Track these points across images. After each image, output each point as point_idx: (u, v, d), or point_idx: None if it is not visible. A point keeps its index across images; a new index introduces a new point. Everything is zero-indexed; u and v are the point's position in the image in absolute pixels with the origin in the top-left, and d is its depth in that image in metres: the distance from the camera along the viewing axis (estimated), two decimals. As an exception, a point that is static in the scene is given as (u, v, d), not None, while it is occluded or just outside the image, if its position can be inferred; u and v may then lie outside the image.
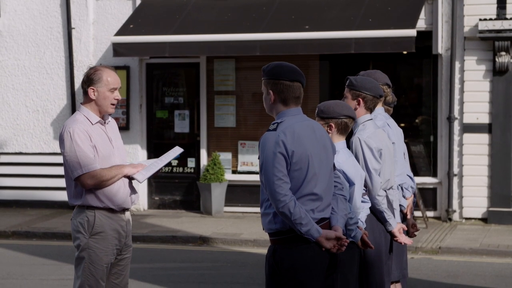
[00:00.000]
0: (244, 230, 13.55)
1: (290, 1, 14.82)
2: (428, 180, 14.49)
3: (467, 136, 14.17)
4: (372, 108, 6.29)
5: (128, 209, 6.03)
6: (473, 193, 14.17)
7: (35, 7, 15.98)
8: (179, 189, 15.65)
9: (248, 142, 15.37)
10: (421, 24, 14.25)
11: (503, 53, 13.71)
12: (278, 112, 5.15)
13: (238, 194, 15.22)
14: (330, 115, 5.74)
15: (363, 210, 5.90)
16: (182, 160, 15.46)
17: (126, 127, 15.50)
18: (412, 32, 13.46)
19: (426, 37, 14.27)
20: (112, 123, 6.08)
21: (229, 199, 15.18)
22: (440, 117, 14.41)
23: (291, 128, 5.04)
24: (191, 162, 15.55)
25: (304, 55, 14.49)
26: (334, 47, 13.93)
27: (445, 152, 14.34)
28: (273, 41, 14.08)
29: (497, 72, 13.90)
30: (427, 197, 14.46)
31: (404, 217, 6.74)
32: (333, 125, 5.74)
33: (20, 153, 16.15)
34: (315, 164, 5.07)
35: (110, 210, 5.89)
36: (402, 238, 6.34)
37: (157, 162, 6.06)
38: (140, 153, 15.59)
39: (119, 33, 14.86)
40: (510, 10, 13.86)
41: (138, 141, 15.64)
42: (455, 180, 14.27)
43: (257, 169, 14.66)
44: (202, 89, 15.52)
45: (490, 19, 13.63)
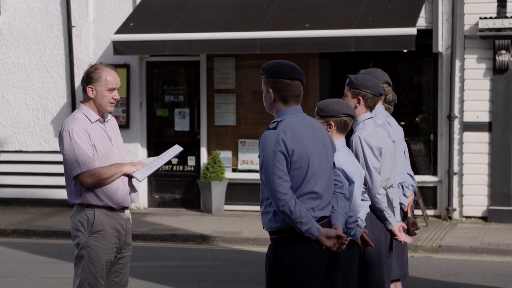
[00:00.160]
0: (244, 228, 13.55)
1: (290, -1, 14.83)
2: (428, 179, 14.49)
3: (467, 135, 14.17)
4: (372, 106, 6.28)
5: (127, 208, 6.03)
6: (473, 192, 14.17)
7: (35, 5, 15.98)
8: (179, 188, 15.65)
9: (248, 140, 15.36)
10: (422, 22, 14.24)
11: (503, 51, 13.70)
12: (278, 110, 5.14)
13: (238, 192, 15.22)
14: (330, 114, 5.74)
15: (363, 208, 5.90)
16: (182, 159, 15.46)
17: (126, 125, 15.50)
18: (412, 31, 13.45)
19: (426, 36, 14.26)
20: (112, 121, 6.08)
21: (229, 197, 15.18)
22: (440, 115, 14.41)
23: (291, 127, 5.04)
24: (191, 161, 15.55)
25: (304, 54, 14.49)
26: (334, 46, 13.93)
27: (445, 151, 14.33)
28: (273, 39, 14.07)
29: (497, 71, 13.89)
30: (427, 195, 14.46)
31: (404, 215, 6.74)
32: (332, 124, 5.74)
33: (20, 151, 16.15)
34: (315, 163, 5.07)
35: (110, 208, 5.89)
36: (402, 237, 6.33)
37: (156, 161, 6.06)
38: (140, 152, 15.58)
39: (119, 31, 14.86)
40: (510, 8, 13.85)
41: (138, 140, 15.64)
42: (455, 179, 14.27)
43: (257, 167, 14.66)
44: (202, 87, 15.51)
45: (491, 18, 13.63)
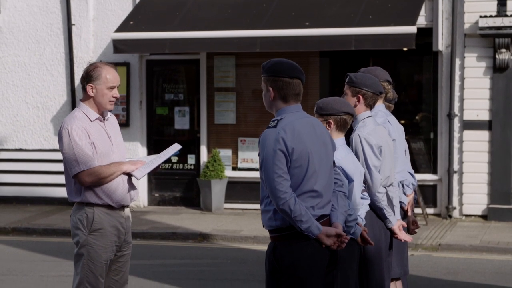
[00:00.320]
0: (244, 227, 13.55)
1: (290, -3, 14.82)
2: (428, 177, 14.49)
3: (467, 133, 14.17)
4: (372, 105, 6.28)
5: (127, 206, 6.03)
6: (473, 190, 14.17)
7: (35, 3, 15.97)
8: (179, 186, 15.65)
9: (248, 138, 15.36)
10: (422, 21, 14.24)
11: (503, 50, 13.70)
12: (278, 109, 5.14)
13: (238, 190, 15.22)
14: (329, 112, 5.73)
15: (363, 206, 5.89)
16: (182, 157, 15.46)
17: (126, 124, 15.49)
18: (412, 29, 13.45)
19: (426, 34, 14.25)
20: (112, 120, 6.07)
21: (229, 195, 15.18)
22: (440, 114, 14.41)
23: (291, 125, 5.03)
24: (191, 159, 15.55)
25: (304, 52, 14.48)
26: (334, 44, 13.92)
27: (445, 149, 14.33)
28: (273, 37, 14.06)
29: (497, 69, 13.89)
30: (427, 194, 14.46)
31: (404, 214, 6.73)
32: (332, 122, 5.74)
33: (20, 150, 16.15)
34: (315, 161, 5.07)
35: (109, 207, 5.89)
36: (402, 235, 6.33)
37: (156, 159, 6.06)
38: (140, 150, 15.58)
39: (119, 29, 14.86)
40: (510, 7, 13.85)
41: (138, 138, 15.63)
42: (455, 177, 14.27)
43: (257, 166, 14.66)
44: (202, 86, 15.51)
45: (491, 16, 13.63)
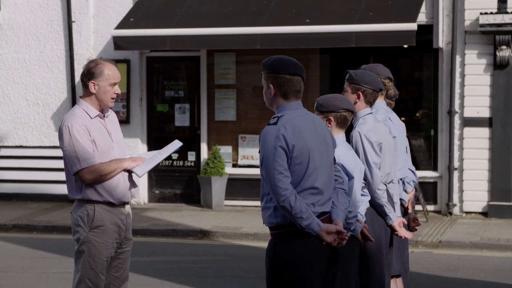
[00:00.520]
0: (244, 223, 13.55)
1: (290, -6, 14.81)
2: (429, 174, 14.49)
3: (467, 130, 14.16)
4: (372, 102, 6.28)
5: (128, 203, 6.03)
6: (473, 187, 14.17)
7: (35, 0, 15.96)
8: (180, 183, 15.65)
9: (249, 135, 15.36)
10: (422, 17, 14.23)
11: (503, 47, 13.69)
12: (279, 106, 5.14)
13: (239, 187, 15.22)
14: (329, 109, 5.73)
15: (363, 203, 5.90)
16: (182, 154, 15.46)
17: (127, 121, 15.50)
18: (412, 26, 13.44)
19: (426, 31, 14.25)
20: (111, 116, 6.07)
21: (230, 192, 15.18)
22: (441, 111, 14.40)
23: (292, 122, 5.03)
24: (191, 156, 15.55)
25: (305, 49, 14.48)
26: (335, 41, 13.91)
27: (446, 146, 14.33)
28: (273, 34, 14.06)
29: (497, 66, 13.89)
30: (428, 191, 14.46)
31: (405, 211, 6.73)
32: (332, 119, 5.74)
33: (20, 147, 16.15)
34: (315, 158, 5.07)
35: (110, 204, 5.89)
36: (402, 232, 6.33)
37: (156, 156, 6.06)
38: (140, 147, 15.58)
39: (119, 26, 14.85)
40: (510, 4, 13.84)
41: (138, 135, 15.64)
42: (456, 174, 14.27)
43: (257, 162, 14.66)
44: (203, 83, 15.51)
45: (491, 13, 13.62)
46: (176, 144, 6.19)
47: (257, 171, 14.05)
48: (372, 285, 6.16)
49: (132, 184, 5.98)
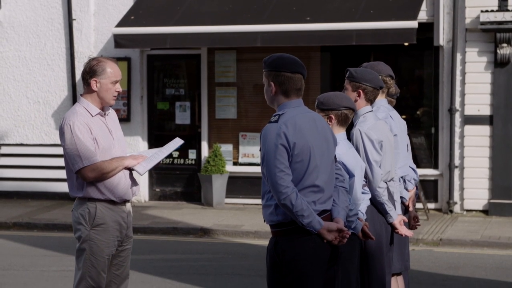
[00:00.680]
0: (245, 221, 13.55)
1: (291, -8, 14.80)
2: (429, 172, 14.49)
3: (468, 128, 14.16)
4: (372, 99, 6.28)
5: (129, 201, 6.03)
6: (474, 185, 14.17)
7: (36, -2, 15.98)
8: (180, 181, 15.66)
9: (249, 133, 15.36)
10: (423, 15, 14.22)
11: (504, 44, 13.69)
12: (280, 104, 5.14)
13: (239, 185, 15.22)
14: (330, 107, 5.73)
15: (363, 201, 5.90)
16: (183, 152, 15.46)
17: (127, 119, 15.50)
18: (413, 24, 13.44)
19: (427, 29, 14.25)
20: (112, 114, 6.07)
21: (230, 190, 15.19)
22: (442, 109, 14.40)
23: (293, 120, 5.03)
24: (192, 154, 15.55)
25: (305, 47, 14.47)
26: (335, 39, 13.91)
27: (446, 144, 14.33)
28: (274, 32, 14.05)
29: (498, 64, 13.88)
30: (428, 189, 14.46)
31: (406, 209, 6.73)
32: (333, 117, 5.73)
33: (21, 145, 16.15)
34: (316, 156, 5.06)
35: (111, 202, 5.89)
36: (403, 230, 6.33)
37: (157, 154, 6.06)
38: (141, 145, 15.59)
39: (120, 24, 14.85)
40: (511, 1, 13.84)
41: (139, 133, 15.64)
42: (456, 172, 14.26)
43: (258, 160, 14.66)
44: (203, 81, 15.51)
45: (492, 11, 13.61)
46: (177, 142, 6.18)
47: (257, 169, 14.06)
48: (373, 283, 6.16)
49: (133, 182, 5.98)
